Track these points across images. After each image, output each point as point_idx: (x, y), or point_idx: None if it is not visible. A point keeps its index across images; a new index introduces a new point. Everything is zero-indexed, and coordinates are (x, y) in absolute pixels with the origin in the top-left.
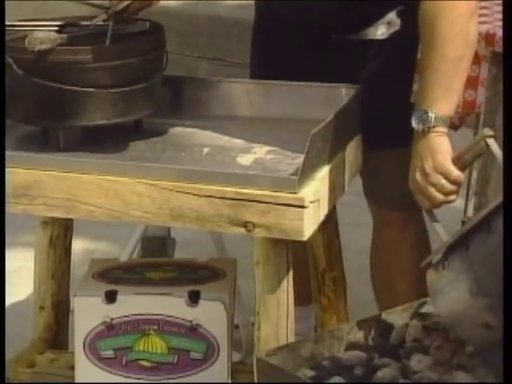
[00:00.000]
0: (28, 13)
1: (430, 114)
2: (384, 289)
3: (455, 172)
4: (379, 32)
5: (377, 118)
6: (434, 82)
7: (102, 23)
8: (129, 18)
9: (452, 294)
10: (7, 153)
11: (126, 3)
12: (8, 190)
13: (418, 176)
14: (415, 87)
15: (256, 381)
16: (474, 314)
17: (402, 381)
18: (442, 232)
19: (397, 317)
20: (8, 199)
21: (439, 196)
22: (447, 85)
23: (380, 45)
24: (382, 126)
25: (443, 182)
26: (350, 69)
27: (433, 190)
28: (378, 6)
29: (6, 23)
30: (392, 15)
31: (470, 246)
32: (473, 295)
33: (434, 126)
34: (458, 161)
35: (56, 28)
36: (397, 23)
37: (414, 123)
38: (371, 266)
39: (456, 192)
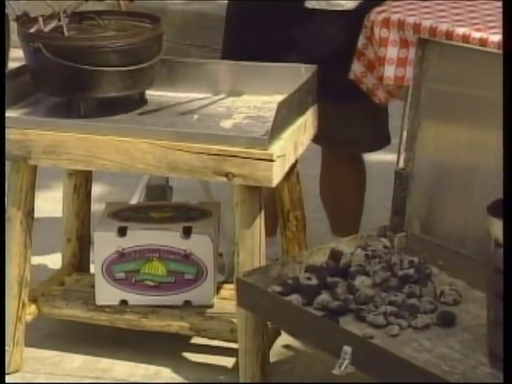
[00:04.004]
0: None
1: None
2: (333, 206)
3: None
4: (349, 4)
5: (327, 80)
6: None
7: (112, 16)
8: (134, 12)
9: None
10: (39, 118)
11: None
12: (40, 148)
13: None
14: (354, 66)
15: (236, 295)
16: None
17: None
18: None
19: (345, 246)
20: (40, 156)
21: None
22: None
23: (346, 16)
24: (331, 87)
25: None
26: (320, 38)
27: None
28: None
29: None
30: None
31: None
32: None
33: None
34: None
35: (76, 19)
36: None
37: None
38: (321, 190)
39: None
